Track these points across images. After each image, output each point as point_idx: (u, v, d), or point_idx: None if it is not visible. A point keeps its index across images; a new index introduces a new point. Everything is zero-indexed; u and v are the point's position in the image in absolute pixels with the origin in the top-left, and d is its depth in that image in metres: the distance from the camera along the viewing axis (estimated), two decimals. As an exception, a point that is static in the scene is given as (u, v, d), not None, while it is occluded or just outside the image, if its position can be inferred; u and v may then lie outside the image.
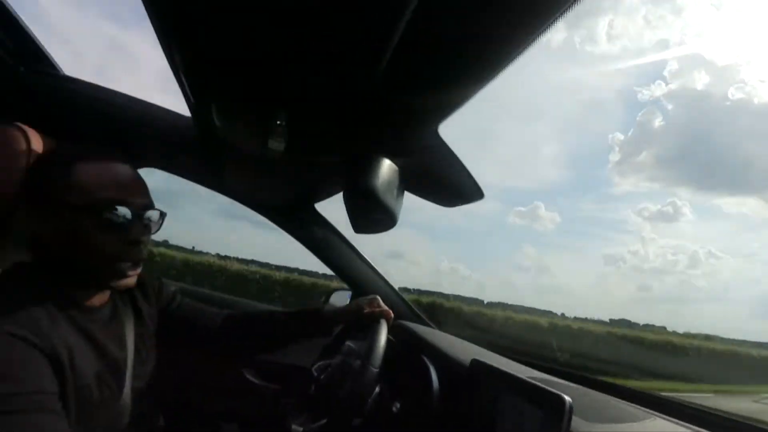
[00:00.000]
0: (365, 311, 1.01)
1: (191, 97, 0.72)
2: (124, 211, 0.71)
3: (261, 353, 1.20)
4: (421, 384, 0.94)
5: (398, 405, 0.92)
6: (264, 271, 7.38)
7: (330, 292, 1.58)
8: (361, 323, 1.00)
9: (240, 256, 7.74)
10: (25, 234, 0.74)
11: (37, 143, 0.80)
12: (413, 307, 1.52)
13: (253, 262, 7.62)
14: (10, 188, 0.74)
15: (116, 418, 0.77)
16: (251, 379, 1.40)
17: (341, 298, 1.50)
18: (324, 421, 0.84)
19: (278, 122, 0.66)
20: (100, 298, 0.78)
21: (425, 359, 0.98)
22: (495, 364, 0.81)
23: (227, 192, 1.35)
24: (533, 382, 0.69)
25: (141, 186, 0.76)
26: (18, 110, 0.89)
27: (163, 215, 0.79)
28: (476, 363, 0.85)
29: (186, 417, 1.25)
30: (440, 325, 1.49)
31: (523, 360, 1.17)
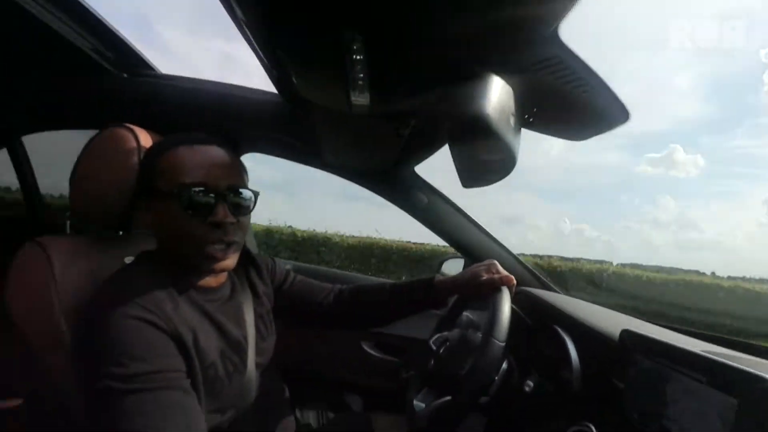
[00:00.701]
0: (483, 278, 0.90)
1: (258, 50, 0.67)
2: (207, 193, 0.71)
3: (373, 327, 1.18)
4: (556, 359, 0.81)
5: (531, 383, 0.80)
6: (383, 242, 7.60)
7: (441, 260, 1.49)
8: (479, 292, 0.90)
9: (358, 233, 8.06)
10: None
11: (145, 140, 0.85)
12: (536, 272, 1.35)
13: (368, 237, 7.89)
14: (127, 184, 0.80)
15: (244, 393, 0.80)
16: (370, 351, 1.41)
17: (454, 266, 1.41)
18: (448, 398, 0.78)
19: (355, 56, 0.55)
20: (216, 280, 0.81)
21: (559, 330, 0.84)
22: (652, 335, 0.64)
23: (324, 165, 1.34)
24: (720, 359, 0.52)
25: (228, 168, 0.75)
26: (128, 113, 0.97)
27: (255, 194, 0.78)
28: (629, 334, 0.68)
29: (312, 388, 1.31)
30: (568, 291, 1.30)
31: (681, 329, 0.94)
